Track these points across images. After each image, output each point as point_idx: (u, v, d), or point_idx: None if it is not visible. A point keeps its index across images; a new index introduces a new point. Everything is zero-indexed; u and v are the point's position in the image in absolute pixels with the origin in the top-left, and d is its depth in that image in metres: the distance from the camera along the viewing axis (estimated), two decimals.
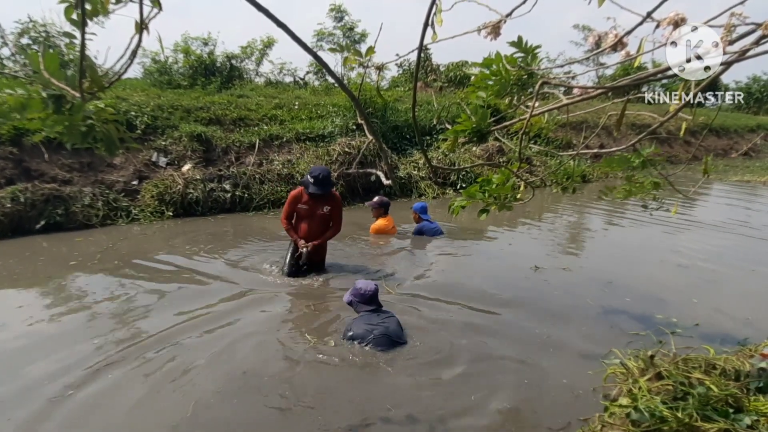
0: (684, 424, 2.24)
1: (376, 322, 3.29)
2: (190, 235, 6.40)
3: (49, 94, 1.37)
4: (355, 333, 3.26)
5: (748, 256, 5.71)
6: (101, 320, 3.71)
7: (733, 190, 11.50)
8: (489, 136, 2.02)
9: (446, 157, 10.16)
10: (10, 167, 6.70)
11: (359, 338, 3.23)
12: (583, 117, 13.29)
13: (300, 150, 9.32)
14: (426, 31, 1.57)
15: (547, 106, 2.09)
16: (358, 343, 3.23)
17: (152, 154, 8.10)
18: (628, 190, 2.82)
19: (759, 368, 2.62)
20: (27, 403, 2.62)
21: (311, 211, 4.61)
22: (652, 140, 11.29)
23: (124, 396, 2.70)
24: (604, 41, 1.67)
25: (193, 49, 12.87)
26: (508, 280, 4.83)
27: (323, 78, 15.43)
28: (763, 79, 28.10)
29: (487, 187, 2.21)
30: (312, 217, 4.62)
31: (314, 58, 1.65)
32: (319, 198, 4.54)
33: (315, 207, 4.59)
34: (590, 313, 3.98)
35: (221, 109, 9.64)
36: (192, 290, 4.34)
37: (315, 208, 4.60)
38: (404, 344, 3.30)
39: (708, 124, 15.07)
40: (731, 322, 3.85)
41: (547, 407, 2.68)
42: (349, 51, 1.88)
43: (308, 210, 4.60)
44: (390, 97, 11.80)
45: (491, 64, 1.74)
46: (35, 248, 5.70)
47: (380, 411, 2.60)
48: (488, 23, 1.65)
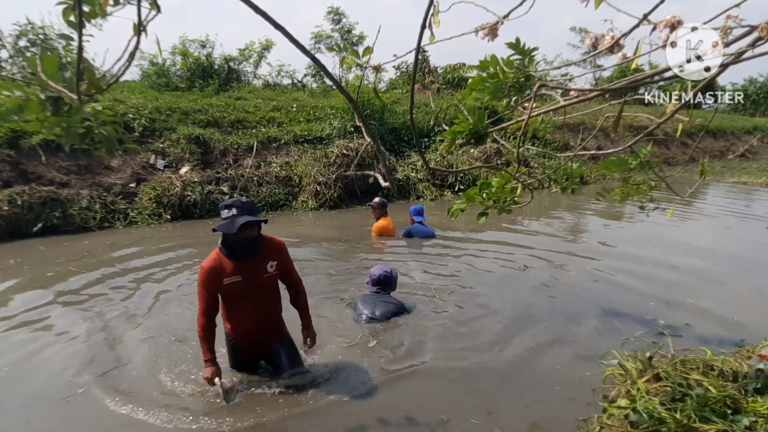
0: (682, 425, 2.24)
1: (371, 302, 3.85)
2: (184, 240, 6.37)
3: (47, 96, 1.37)
4: (355, 305, 3.95)
5: (744, 257, 5.72)
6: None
7: (730, 191, 11.54)
8: (486, 137, 2.02)
9: (444, 159, 10.18)
10: (7, 170, 6.69)
11: (355, 311, 3.88)
12: (580, 119, 13.32)
13: (298, 152, 9.33)
14: (424, 32, 1.58)
15: (544, 107, 2.09)
16: (354, 312, 3.88)
17: (150, 156, 8.10)
18: (626, 192, 2.83)
19: (757, 369, 2.62)
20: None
21: (250, 281, 2.68)
22: (649, 142, 11.31)
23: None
24: (600, 43, 1.68)
25: (191, 52, 12.89)
26: (506, 281, 4.83)
27: (321, 80, 15.46)
28: (759, 81, 28.27)
29: (487, 190, 2.21)
30: (255, 288, 2.71)
31: (312, 60, 1.65)
32: (252, 251, 2.68)
33: (253, 271, 2.68)
34: (587, 315, 3.98)
35: (219, 112, 9.64)
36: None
37: (254, 273, 2.69)
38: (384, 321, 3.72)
39: (705, 125, 15.12)
40: (728, 323, 3.85)
41: (545, 408, 2.68)
42: (346, 52, 1.88)
43: (244, 281, 2.66)
44: (388, 99, 11.83)
45: (488, 66, 1.74)
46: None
47: (383, 413, 2.60)
48: (485, 25, 1.66)
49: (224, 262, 2.61)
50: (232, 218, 2.52)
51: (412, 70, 6.65)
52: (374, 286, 3.99)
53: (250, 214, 2.55)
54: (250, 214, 2.55)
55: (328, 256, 5.40)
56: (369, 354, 3.22)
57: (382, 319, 3.74)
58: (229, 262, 2.61)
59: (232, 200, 2.59)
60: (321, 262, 5.33)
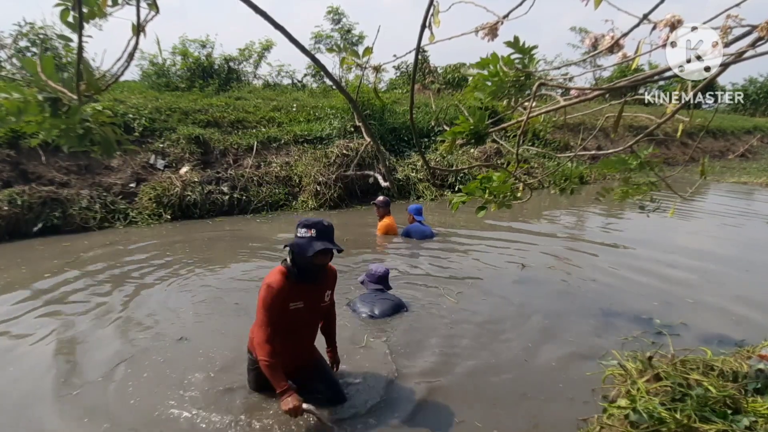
0: (682, 425, 2.24)
1: (370, 300, 3.90)
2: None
3: (46, 97, 1.37)
4: (354, 304, 3.96)
5: (744, 257, 5.73)
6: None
7: (730, 191, 11.54)
8: (487, 137, 2.02)
9: (444, 158, 10.19)
10: (7, 170, 6.68)
11: (356, 310, 3.90)
12: (580, 119, 13.33)
13: (298, 152, 9.33)
14: (423, 32, 1.58)
15: (544, 107, 2.09)
16: (352, 311, 3.91)
17: (150, 156, 8.09)
18: (625, 192, 2.83)
19: (757, 369, 2.62)
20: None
21: (310, 308, 2.50)
22: (649, 142, 11.32)
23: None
24: (600, 43, 1.68)
25: (191, 52, 12.89)
26: (506, 281, 4.83)
27: (321, 80, 15.46)
28: (759, 81, 28.29)
29: (488, 184, 2.21)
30: (312, 316, 2.56)
31: (312, 60, 1.65)
32: (319, 275, 2.49)
33: (315, 297, 2.51)
34: (587, 314, 3.98)
35: (219, 112, 9.64)
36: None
37: (315, 300, 2.51)
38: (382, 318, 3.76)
39: (705, 125, 15.12)
40: (728, 322, 3.85)
41: (545, 408, 2.68)
42: (346, 51, 1.88)
43: (306, 307, 2.47)
44: (388, 99, 11.83)
45: (488, 64, 1.74)
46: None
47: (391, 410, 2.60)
48: (485, 24, 1.66)
49: (290, 283, 2.38)
50: (309, 240, 2.33)
51: (412, 70, 6.65)
52: (376, 283, 4.07)
53: (327, 239, 2.37)
54: (327, 239, 2.37)
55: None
56: (368, 354, 3.22)
57: (381, 317, 3.77)
58: (294, 284, 2.39)
59: (314, 221, 2.38)
60: None
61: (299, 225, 2.40)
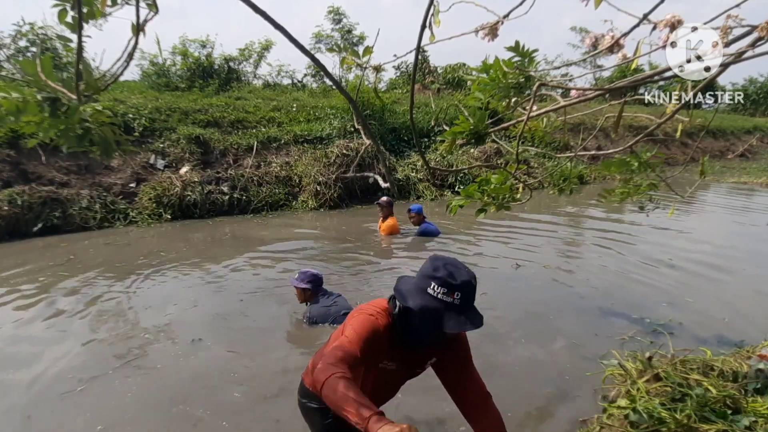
0: (682, 425, 2.24)
1: (329, 303, 3.67)
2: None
3: (45, 96, 1.36)
4: (316, 316, 3.60)
5: (743, 257, 5.72)
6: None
7: (730, 191, 11.53)
8: (487, 138, 2.02)
9: (444, 159, 10.19)
10: (7, 170, 6.69)
11: (321, 320, 3.57)
12: (580, 119, 13.32)
13: (298, 152, 9.33)
14: (424, 32, 1.57)
15: (544, 108, 2.09)
16: (321, 324, 3.56)
17: (150, 156, 8.10)
18: (625, 192, 2.83)
19: (756, 369, 2.62)
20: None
21: (402, 372, 1.91)
22: (649, 142, 11.34)
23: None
24: (600, 43, 1.67)
25: (191, 52, 12.89)
26: (505, 281, 4.83)
27: (321, 80, 15.46)
28: (759, 81, 28.29)
29: (486, 186, 2.21)
30: (398, 380, 1.98)
31: (312, 60, 1.65)
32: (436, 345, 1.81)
33: (413, 364, 1.90)
34: (587, 314, 3.98)
35: (219, 112, 9.64)
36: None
37: (412, 366, 1.91)
38: None
39: (705, 125, 15.12)
40: (728, 322, 3.85)
41: (545, 408, 2.68)
42: (346, 51, 1.87)
43: (397, 369, 1.86)
44: (388, 99, 11.83)
45: (489, 68, 1.74)
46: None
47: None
48: (485, 25, 1.66)
49: (391, 339, 1.71)
50: (446, 306, 1.54)
51: (412, 70, 6.65)
52: (320, 286, 3.74)
53: (471, 311, 1.57)
54: (471, 310, 1.57)
55: (328, 256, 5.39)
56: None
57: (349, 310, 3.45)
58: (394, 342, 1.72)
59: (459, 278, 1.54)
60: (322, 262, 5.32)
61: (433, 271, 1.57)
